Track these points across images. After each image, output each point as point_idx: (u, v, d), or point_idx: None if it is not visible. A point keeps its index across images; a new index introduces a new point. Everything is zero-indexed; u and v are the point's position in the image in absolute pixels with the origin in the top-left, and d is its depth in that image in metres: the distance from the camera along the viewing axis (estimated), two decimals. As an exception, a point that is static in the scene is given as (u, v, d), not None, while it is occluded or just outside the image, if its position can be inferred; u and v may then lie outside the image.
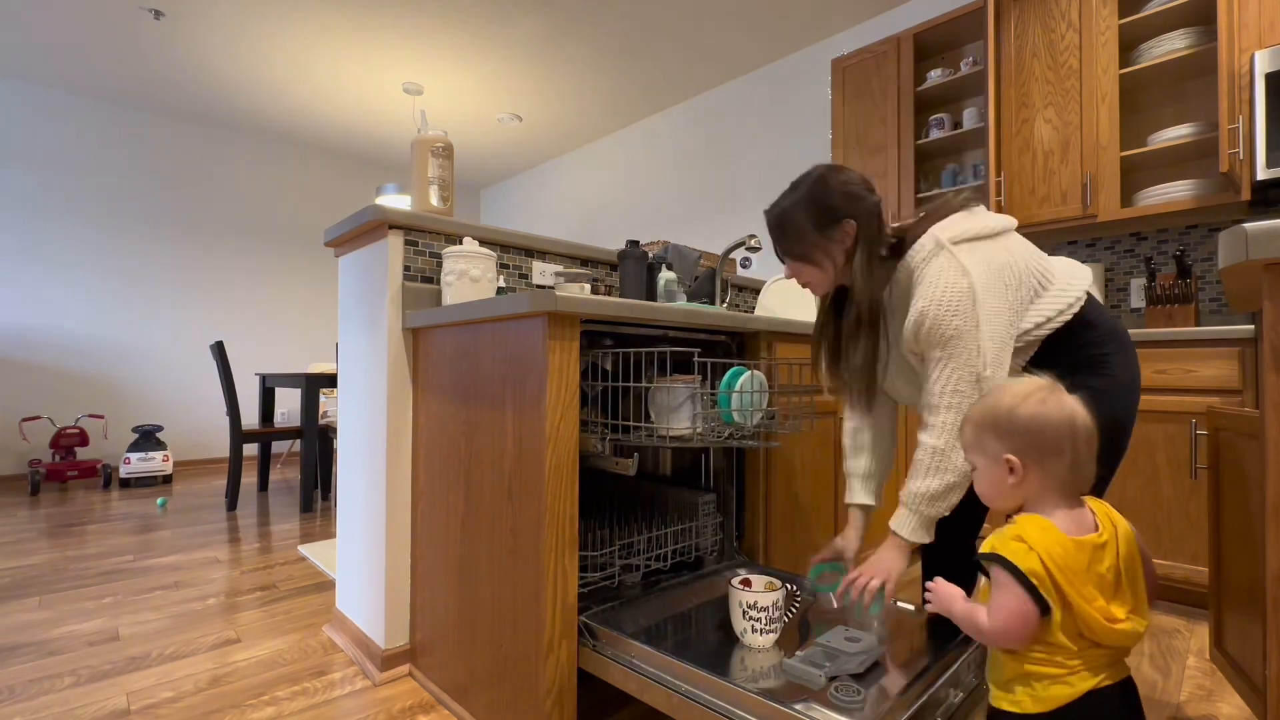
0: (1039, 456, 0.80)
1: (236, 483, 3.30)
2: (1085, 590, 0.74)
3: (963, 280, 1.01)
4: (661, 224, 4.68)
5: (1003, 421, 0.82)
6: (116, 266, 4.54)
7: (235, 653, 1.65)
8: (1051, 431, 0.79)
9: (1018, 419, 0.81)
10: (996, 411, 0.83)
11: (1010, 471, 0.81)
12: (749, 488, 1.61)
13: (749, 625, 1.07)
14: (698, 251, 2.12)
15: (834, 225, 1.10)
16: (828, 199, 1.10)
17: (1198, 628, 1.85)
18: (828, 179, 1.12)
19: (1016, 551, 0.75)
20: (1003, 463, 0.82)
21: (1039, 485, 0.80)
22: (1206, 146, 2.25)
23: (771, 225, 1.16)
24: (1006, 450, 0.81)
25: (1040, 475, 0.80)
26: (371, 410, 1.60)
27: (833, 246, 1.12)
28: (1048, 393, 0.81)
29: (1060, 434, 0.79)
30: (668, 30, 3.60)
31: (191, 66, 4.02)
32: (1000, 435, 0.82)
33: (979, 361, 1.01)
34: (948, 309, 1.01)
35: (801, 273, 1.17)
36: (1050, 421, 0.79)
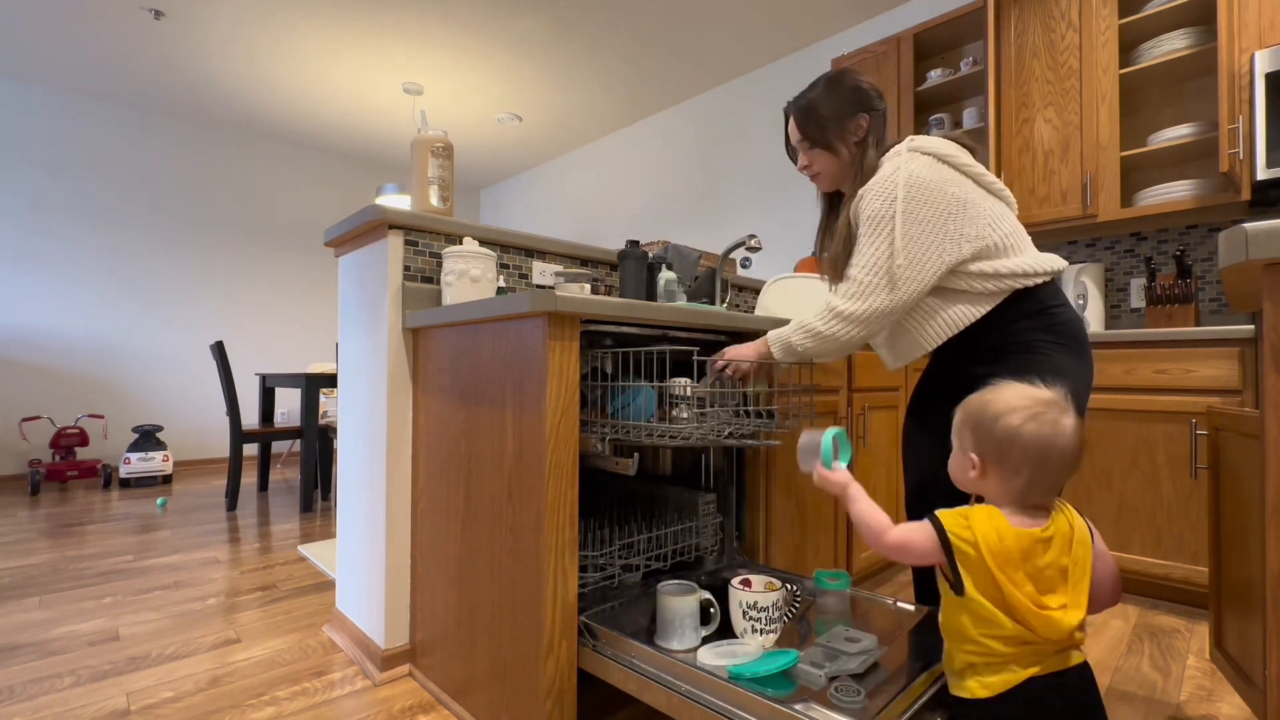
0: (1000, 466, 0.85)
1: (236, 483, 3.30)
2: (1014, 576, 0.79)
3: (901, 175, 1.11)
4: (661, 224, 4.68)
5: (984, 424, 0.87)
6: (116, 266, 4.54)
7: (235, 653, 1.65)
8: (1018, 451, 0.83)
9: (996, 428, 0.85)
10: (984, 413, 0.88)
11: (973, 467, 0.87)
12: (749, 488, 1.61)
13: (749, 625, 1.07)
14: (698, 251, 2.12)
15: (850, 117, 1.21)
16: (849, 93, 1.22)
17: (1198, 628, 1.85)
18: (847, 75, 1.23)
19: (955, 524, 0.82)
20: (968, 457, 0.88)
21: (995, 489, 0.86)
22: (1206, 146, 2.25)
23: (795, 112, 1.25)
24: (973, 449, 0.87)
25: (997, 482, 0.86)
26: (371, 410, 1.60)
27: (847, 136, 1.22)
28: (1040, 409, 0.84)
29: (1025, 456, 0.83)
30: (668, 30, 3.60)
31: (192, 66, 4.02)
32: (976, 433, 0.88)
33: (890, 250, 1.09)
34: (878, 194, 1.12)
35: (815, 160, 1.25)
36: (1021, 441, 0.83)
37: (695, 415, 1.31)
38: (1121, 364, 2.05)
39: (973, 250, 1.10)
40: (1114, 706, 1.42)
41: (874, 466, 2.07)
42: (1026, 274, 1.11)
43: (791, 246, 3.77)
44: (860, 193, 1.16)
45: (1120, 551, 2.03)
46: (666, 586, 1.11)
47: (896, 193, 1.09)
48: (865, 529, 0.93)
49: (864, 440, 2.00)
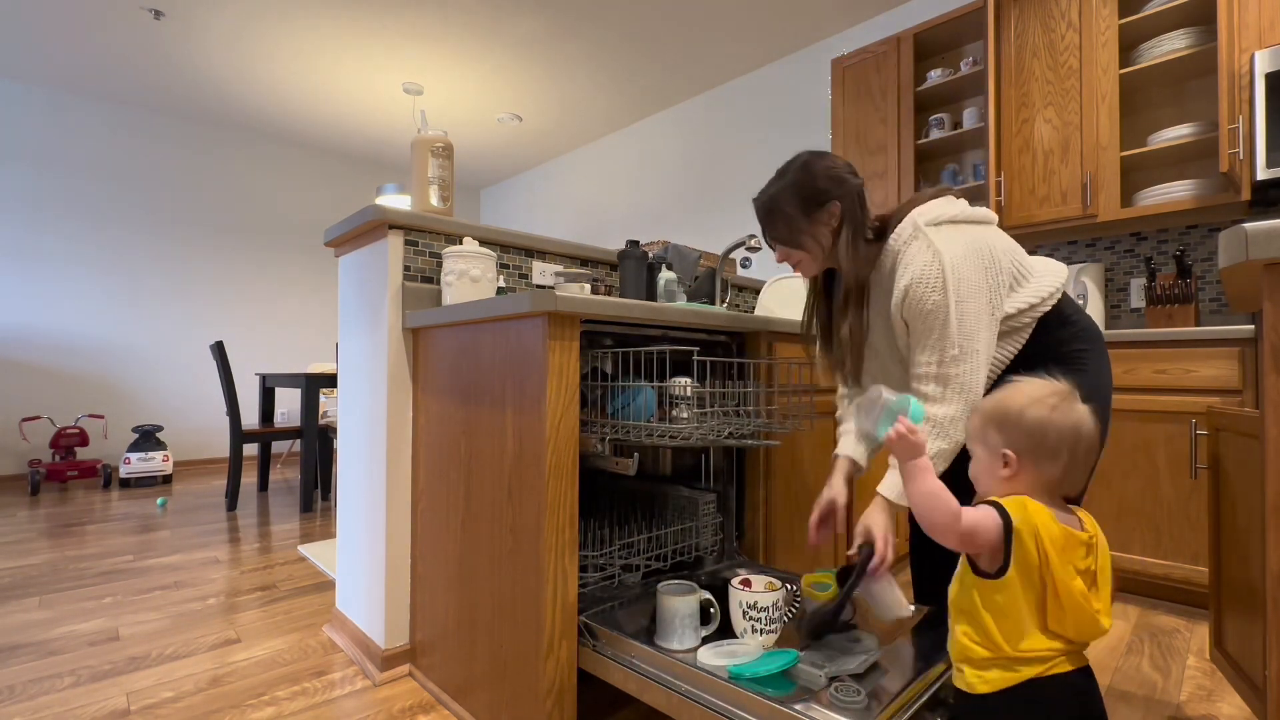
0: (1035, 458, 0.83)
1: (236, 483, 3.30)
2: (1068, 569, 0.78)
3: (938, 260, 1.06)
4: (661, 224, 4.68)
5: (1010, 418, 0.85)
6: (117, 266, 4.54)
7: (235, 653, 1.65)
8: (1054, 436, 0.82)
9: (1024, 419, 0.84)
10: (1006, 408, 0.86)
11: (1005, 465, 0.85)
12: (749, 488, 1.61)
13: (749, 625, 1.07)
14: (698, 251, 2.12)
15: (820, 208, 1.14)
16: (813, 183, 1.14)
17: (1198, 628, 1.85)
18: (812, 165, 1.16)
19: (1013, 506, 0.79)
20: (999, 456, 0.85)
21: (1029, 484, 0.84)
22: (1206, 146, 2.25)
23: (760, 213, 1.20)
24: (1006, 445, 0.85)
25: (1033, 475, 0.84)
26: (371, 410, 1.60)
27: (819, 229, 1.16)
28: (1059, 399, 0.84)
29: (1062, 440, 0.82)
30: (668, 30, 3.60)
31: (192, 66, 4.02)
32: (1004, 430, 0.86)
33: (959, 334, 1.06)
34: (927, 286, 1.06)
35: (790, 256, 1.20)
36: (1054, 426, 0.82)
37: (695, 415, 1.31)
38: (1121, 364, 2.05)
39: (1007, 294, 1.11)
40: (1114, 706, 1.42)
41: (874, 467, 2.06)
42: (1050, 296, 1.12)
43: (791, 246, 3.77)
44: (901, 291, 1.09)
45: (1120, 551, 2.03)
46: (666, 586, 1.11)
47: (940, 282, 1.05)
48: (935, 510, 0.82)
49: (864, 440, 2.00)
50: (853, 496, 1.30)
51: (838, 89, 3.17)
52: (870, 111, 3.04)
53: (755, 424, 1.36)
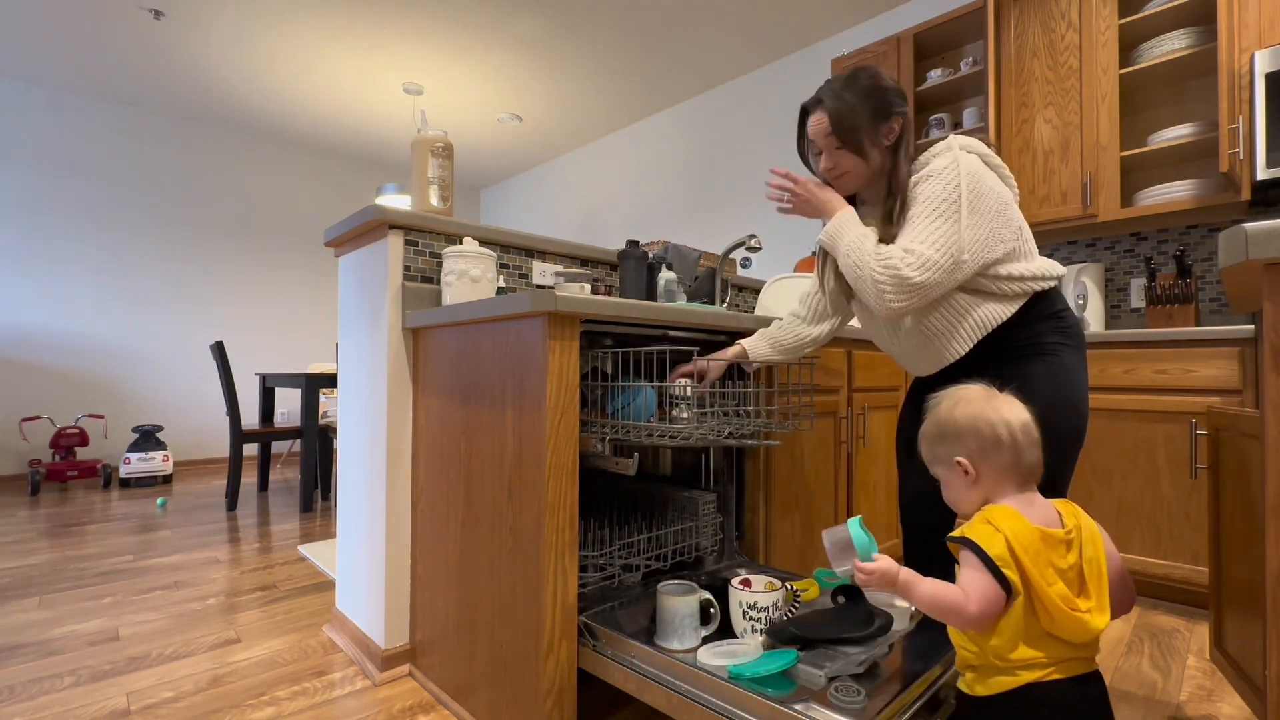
0: (984, 453, 0.86)
1: (236, 483, 3.30)
2: (1046, 573, 0.77)
3: (962, 167, 1.09)
4: (661, 224, 4.68)
5: (947, 427, 0.89)
6: (116, 266, 4.54)
7: (235, 653, 1.65)
8: (987, 427, 0.85)
9: (957, 421, 0.87)
10: (940, 420, 0.90)
11: (965, 473, 0.87)
12: (749, 488, 1.61)
13: (749, 625, 1.07)
14: (698, 251, 2.12)
15: (886, 120, 1.16)
16: (885, 95, 1.16)
17: (1198, 628, 1.85)
18: (882, 77, 1.17)
19: (983, 534, 0.80)
20: (956, 467, 0.88)
21: (992, 480, 0.86)
22: (1206, 146, 2.25)
23: (830, 110, 1.16)
24: (956, 454, 0.88)
25: (992, 470, 0.86)
26: (371, 410, 1.60)
27: (880, 139, 1.17)
28: (976, 394, 0.88)
29: (995, 428, 0.85)
30: (668, 29, 3.60)
31: (191, 66, 4.02)
32: (947, 441, 0.89)
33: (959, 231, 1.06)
34: (942, 181, 1.09)
35: (844, 161, 1.18)
36: (984, 418, 0.85)
37: (695, 415, 1.31)
38: (1121, 364, 2.05)
39: (1005, 251, 1.11)
40: (1114, 706, 1.41)
41: (874, 467, 2.07)
42: (1044, 277, 1.14)
43: (791, 246, 3.78)
44: (916, 179, 1.13)
45: (1120, 551, 2.03)
46: (666, 586, 1.11)
47: (961, 181, 1.08)
48: (942, 609, 0.81)
49: (864, 440, 2.00)
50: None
51: (838, 89, 3.16)
52: (870, 111, 3.03)
53: (755, 424, 1.36)
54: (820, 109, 1.18)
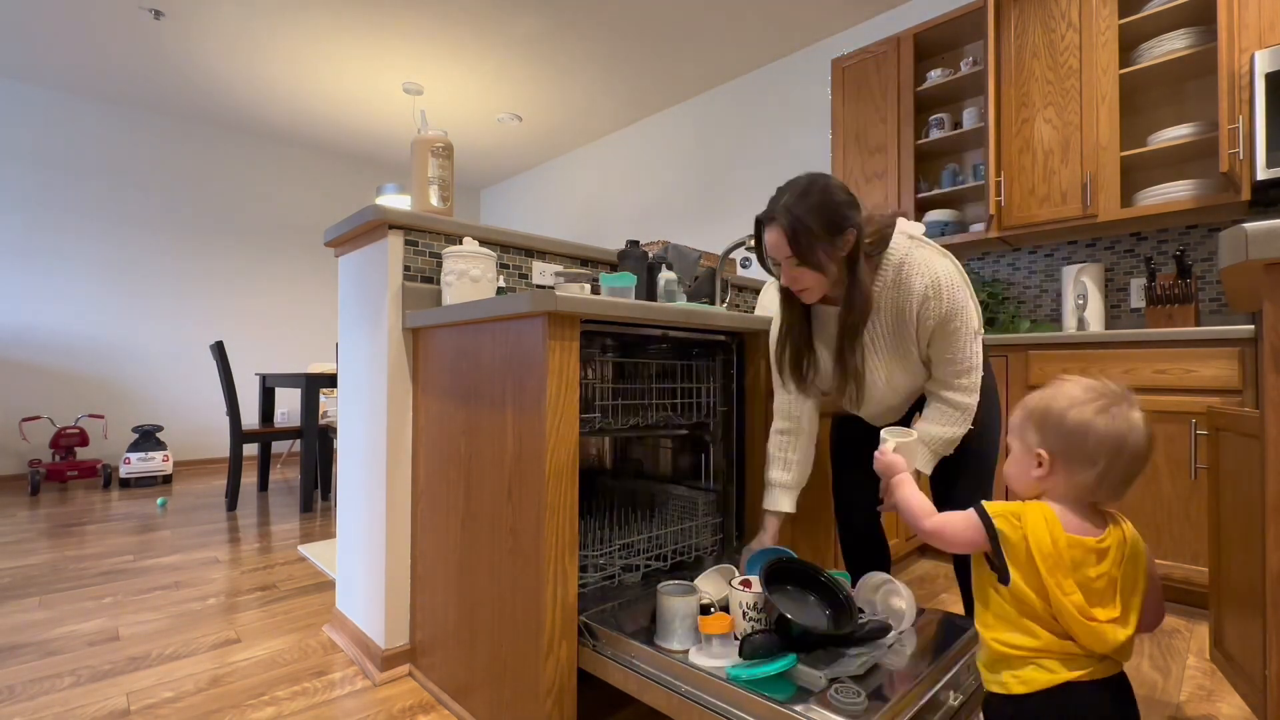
0: (1068, 461, 0.80)
1: (236, 483, 3.30)
2: (1064, 583, 0.76)
3: (948, 263, 1.21)
4: (661, 224, 4.68)
5: (1051, 418, 0.82)
6: (117, 266, 4.54)
7: (235, 653, 1.65)
8: (1094, 441, 0.78)
9: (1066, 421, 0.81)
10: (1050, 407, 0.83)
11: (1039, 465, 0.83)
12: (749, 487, 1.61)
13: (749, 625, 1.07)
14: (698, 251, 2.12)
15: (840, 233, 1.17)
16: (837, 208, 1.17)
17: (1198, 628, 1.85)
18: (832, 188, 1.18)
19: (1006, 524, 0.80)
20: (1034, 455, 0.84)
21: (1061, 486, 0.82)
22: (1206, 146, 2.25)
23: (786, 227, 1.17)
24: (1041, 445, 0.83)
25: (1065, 478, 0.81)
26: (371, 410, 1.60)
27: (836, 253, 1.19)
28: (1109, 402, 0.80)
29: (1100, 446, 0.78)
30: (668, 30, 3.60)
31: (191, 66, 4.02)
32: (1043, 430, 0.83)
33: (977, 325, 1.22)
34: (951, 284, 1.18)
35: (803, 278, 1.21)
36: (1096, 431, 0.78)
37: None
38: (1121, 364, 2.05)
39: None
40: (1114, 706, 1.42)
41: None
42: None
43: (791, 246, 3.77)
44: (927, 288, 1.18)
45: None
46: (666, 587, 1.11)
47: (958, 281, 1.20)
48: (906, 510, 0.97)
49: (864, 440, 2.00)
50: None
51: (838, 89, 3.17)
52: (870, 111, 3.04)
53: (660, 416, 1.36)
54: (774, 225, 1.19)
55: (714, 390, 1.62)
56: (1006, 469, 0.90)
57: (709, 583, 1.29)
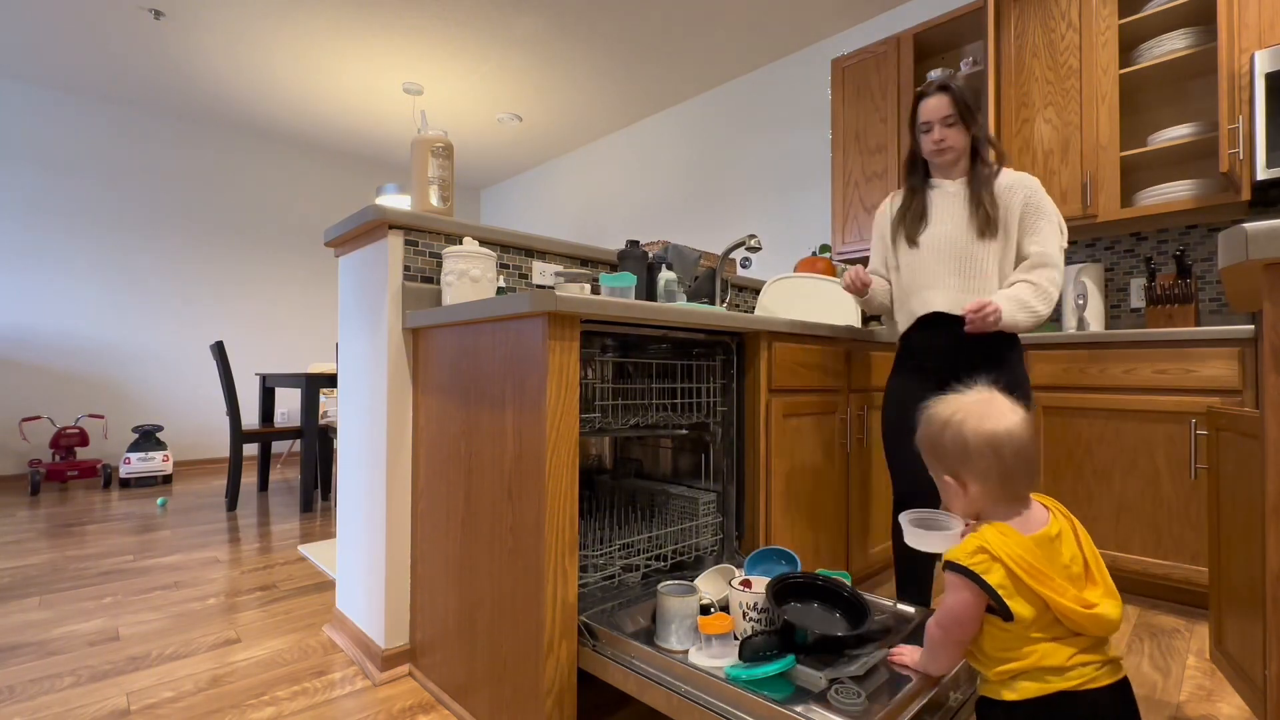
0: (971, 475, 0.85)
1: (236, 483, 3.30)
2: (1054, 584, 0.77)
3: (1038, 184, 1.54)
4: (661, 224, 4.68)
5: (937, 446, 0.88)
6: (117, 266, 4.54)
7: (235, 653, 1.65)
8: (974, 452, 0.84)
9: (944, 441, 0.87)
10: (930, 435, 0.90)
11: (958, 488, 0.87)
12: (749, 487, 1.61)
13: (749, 626, 1.07)
14: (698, 251, 2.12)
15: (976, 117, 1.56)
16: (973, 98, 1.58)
17: (1198, 628, 1.85)
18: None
19: (980, 563, 0.79)
20: (946, 481, 0.88)
21: (983, 497, 0.86)
22: (1206, 146, 2.25)
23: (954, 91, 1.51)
24: (944, 472, 0.88)
25: (979, 489, 0.85)
26: (371, 410, 1.60)
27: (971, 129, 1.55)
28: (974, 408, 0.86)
29: (982, 453, 0.83)
30: (668, 30, 3.60)
31: (191, 66, 4.02)
32: (938, 458, 0.89)
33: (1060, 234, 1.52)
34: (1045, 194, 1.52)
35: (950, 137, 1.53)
36: (970, 441, 0.84)
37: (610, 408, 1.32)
38: (1121, 364, 2.05)
39: None
40: (1114, 706, 1.42)
41: (873, 466, 2.07)
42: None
43: (791, 246, 3.78)
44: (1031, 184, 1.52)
45: (1120, 551, 2.04)
46: (666, 587, 1.11)
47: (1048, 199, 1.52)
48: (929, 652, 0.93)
49: (863, 440, 2.00)
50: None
51: (838, 89, 3.17)
52: (870, 111, 3.04)
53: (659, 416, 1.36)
54: (942, 92, 1.51)
55: (714, 390, 1.62)
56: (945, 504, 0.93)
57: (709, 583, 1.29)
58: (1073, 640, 0.77)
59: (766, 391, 1.59)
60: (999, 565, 0.77)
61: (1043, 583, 0.76)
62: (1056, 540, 0.80)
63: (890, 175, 2.95)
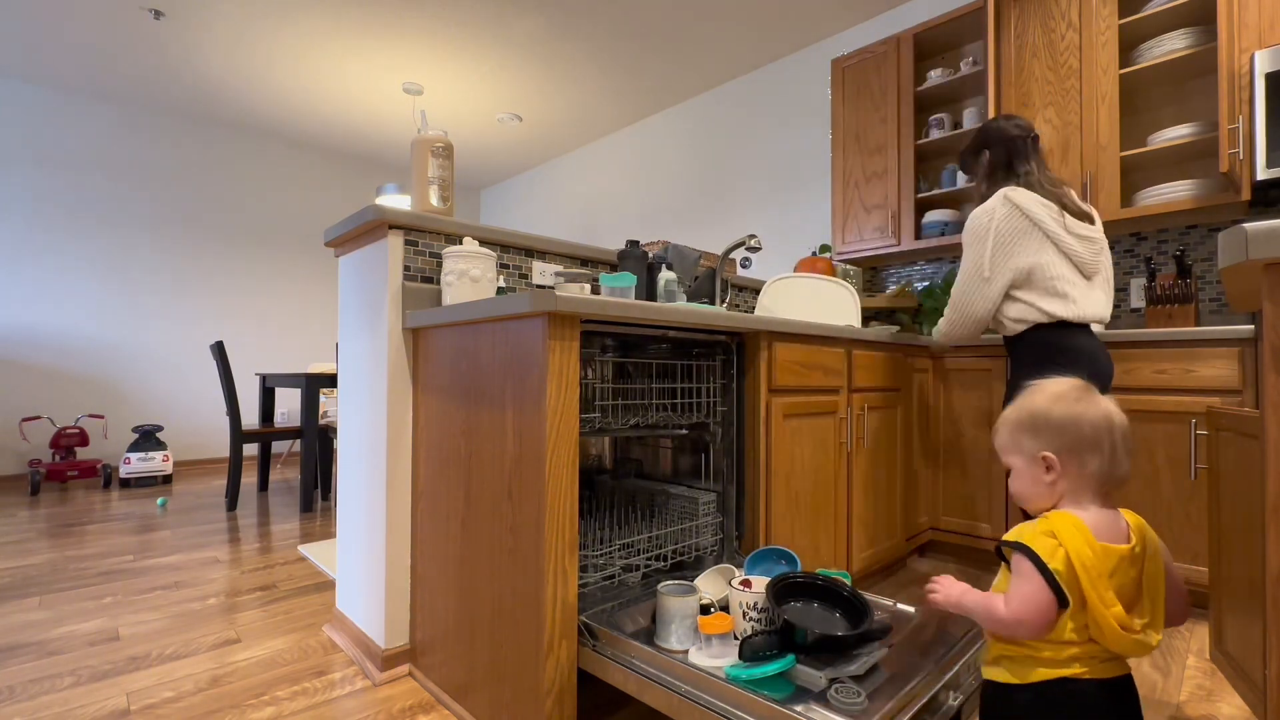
0: (1076, 453, 0.81)
1: (236, 483, 3.30)
2: (1105, 595, 0.74)
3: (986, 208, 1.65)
4: (661, 224, 4.68)
5: (1040, 420, 0.83)
6: (117, 266, 4.54)
7: (235, 653, 1.65)
8: (1089, 427, 0.80)
9: (1053, 417, 0.82)
10: (1033, 411, 0.84)
11: (1048, 469, 0.82)
12: (749, 487, 1.61)
13: (749, 626, 1.07)
14: (698, 251, 2.12)
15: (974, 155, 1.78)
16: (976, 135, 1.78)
17: (1198, 628, 1.85)
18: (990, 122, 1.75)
19: (1045, 547, 0.76)
20: (1039, 461, 0.83)
21: (1075, 482, 0.82)
22: (1206, 146, 2.25)
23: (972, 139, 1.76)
24: (1044, 448, 0.83)
25: (1077, 472, 0.81)
26: (372, 410, 1.60)
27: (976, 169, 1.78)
28: (1081, 392, 0.83)
29: (1098, 430, 0.80)
30: (668, 30, 3.60)
31: (191, 66, 4.02)
32: (1038, 434, 0.84)
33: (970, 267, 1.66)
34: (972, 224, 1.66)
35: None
36: (1086, 418, 0.81)
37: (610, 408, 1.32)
38: (1121, 364, 2.05)
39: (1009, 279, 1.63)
40: (1114, 706, 1.42)
41: (874, 466, 2.07)
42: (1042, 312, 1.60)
43: (791, 246, 3.78)
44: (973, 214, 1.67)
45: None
46: (666, 587, 1.11)
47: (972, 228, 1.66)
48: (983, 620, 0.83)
49: (864, 440, 2.00)
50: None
51: (838, 89, 3.17)
52: (870, 111, 3.04)
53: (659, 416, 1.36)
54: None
55: (714, 390, 1.62)
56: (1016, 489, 0.88)
57: (709, 583, 1.29)
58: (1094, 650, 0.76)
59: (766, 391, 1.59)
60: (1062, 552, 0.75)
61: (1095, 588, 0.74)
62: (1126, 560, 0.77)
63: (890, 175, 2.95)
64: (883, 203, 2.98)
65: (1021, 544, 0.78)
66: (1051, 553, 0.76)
